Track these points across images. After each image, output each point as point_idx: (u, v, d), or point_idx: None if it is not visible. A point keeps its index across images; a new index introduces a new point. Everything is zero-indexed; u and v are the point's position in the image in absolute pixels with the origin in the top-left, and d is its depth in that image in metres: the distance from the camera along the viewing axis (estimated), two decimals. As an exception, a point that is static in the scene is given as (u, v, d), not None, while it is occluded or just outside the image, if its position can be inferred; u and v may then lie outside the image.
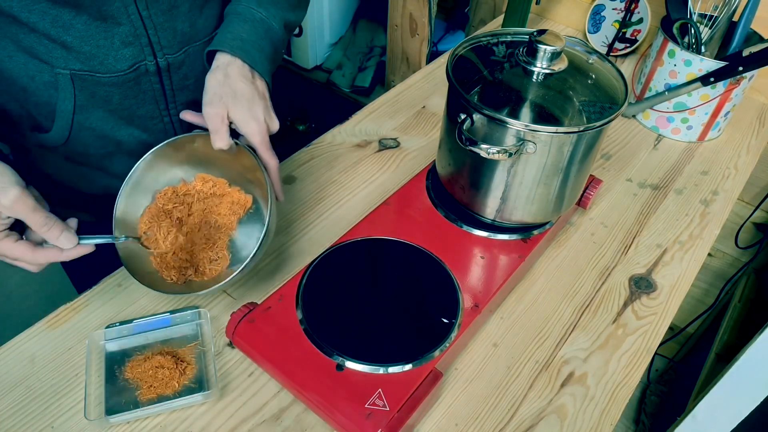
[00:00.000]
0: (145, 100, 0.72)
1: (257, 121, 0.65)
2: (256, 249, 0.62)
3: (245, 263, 0.61)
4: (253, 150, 0.66)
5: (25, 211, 0.54)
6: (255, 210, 0.72)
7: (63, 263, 0.92)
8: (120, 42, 0.66)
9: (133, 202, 0.68)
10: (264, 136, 0.66)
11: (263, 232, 0.62)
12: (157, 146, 0.67)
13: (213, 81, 0.65)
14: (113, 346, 0.64)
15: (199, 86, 0.67)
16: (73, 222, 0.60)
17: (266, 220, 0.62)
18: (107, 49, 0.65)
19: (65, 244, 0.57)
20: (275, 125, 0.68)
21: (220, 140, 0.64)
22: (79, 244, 0.59)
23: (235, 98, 0.64)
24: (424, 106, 1.03)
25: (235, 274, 0.61)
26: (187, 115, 0.69)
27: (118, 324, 0.65)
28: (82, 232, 0.60)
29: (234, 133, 0.66)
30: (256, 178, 0.69)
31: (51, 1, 0.60)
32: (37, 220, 0.55)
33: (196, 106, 0.68)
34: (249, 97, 0.65)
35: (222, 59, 0.67)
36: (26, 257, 0.57)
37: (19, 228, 0.58)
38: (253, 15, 0.70)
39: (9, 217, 0.55)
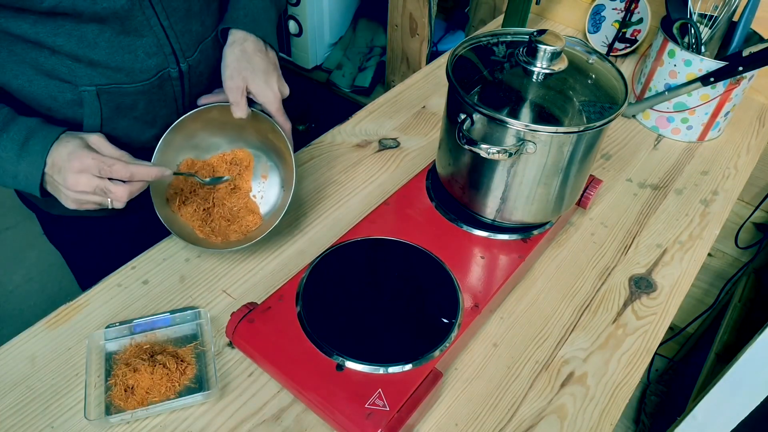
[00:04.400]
0: (167, 102, 0.75)
1: (273, 91, 0.71)
2: (288, 197, 0.71)
3: (281, 214, 0.71)
4: (268, 115, 0.72)
5: (109, 148, 0.64)
6: (271, 166, 0.79)
7: (68, 261, 0.93)
8: (144, 53, 0.68)
9: (164, 160, 0.73)
10: (279, 104, 0.72)
11: (293, 182, 0.71)
12: (180, 118, 0.72)
13: (231, 56, 0.71)
14: (113, 346, 0.64)
15: (211, 82, 0.73)
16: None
17: (293, 170, 0.71)
18: (132, 62, 0.67)
19: (147, 164, 0.66)
20: (287, 90, 0.75)
21: (240, 110, 0.70)
22: (154, 166, 0.66)
23: (253, 72, 0.70)
24: (424, 106, 1.03)
25: (266, 232, 0.70)
26: (204, 99, 0.75)
27: (118, 324, 0.65)
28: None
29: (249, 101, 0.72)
30: (267, 139, 0.76)
31: (75, 21, 0.61)
32: (118, 153, 0.65)
33: None
34: (265, 69, 0.71)
35: (237, 35, 0.72)
36: (122, 171, 0.62)
37: None
38: None
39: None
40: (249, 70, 0.70)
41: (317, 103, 1.74)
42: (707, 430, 1.01)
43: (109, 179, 0.62)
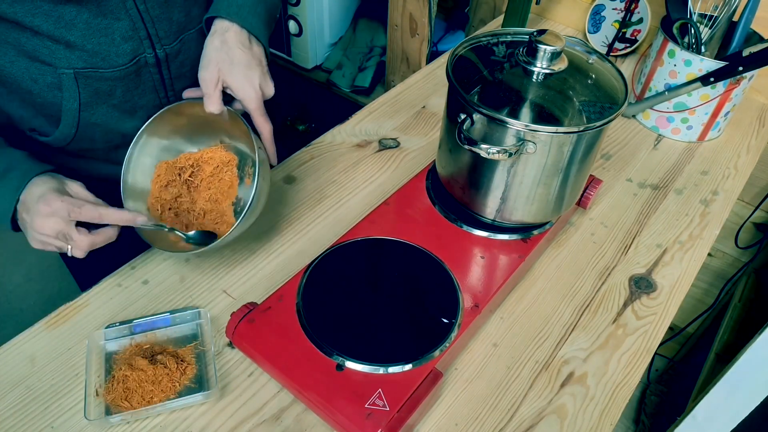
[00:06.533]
0: (146, 90, 0.74)
1: (253, 86, 0.67)
2: (245, 212, 0.64)
3: (234, 226, 0.64)
4: (246, 116, 0.68)
5: (85, 194, 0.63)
6: (255, 172, 0.73)
7: (66, 261, 0.93)
8: (120, 37, 0.67)
9: (138, 167, 0.71)
10: (259, 102, 0.68)
11: (251, 195, 0.64)
12: (159, 112, 0.69)
13: (210, 47, 0.68)
14: (113, 346, 0.64)
15: (196, 72, 0.69)
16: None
17: (254, 182, 0.64)
18: (108, 45, 0.67)
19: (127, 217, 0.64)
20: (270, 90, 0.70)
21: (212, 104, 0.67)
22: (126, 211, 0.64)
23: (231, 64, 0.66)
24: (424, 106, 1.03)
25: (225, 235, 0.64)
26: (189, 93, 0.72)
27: (118, 324, 0.65)
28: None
29: (227, 98, 0.68)
30: (252, 144, 0.71)
31: (53, 2, 0.61)
32: (92, 200, 0.63)
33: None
34: (246, 63, 0.67)
35: (220, 25, 0.68)
36: (90, 213, 0.61)
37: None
38: None
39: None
40: (227, 62, 0.66)
41: (317, 103, 1.74)
42: (707, 430, 1.01)
43: (76, 225, 0.61)
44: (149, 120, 0.69)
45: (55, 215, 0.60)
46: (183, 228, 0.72)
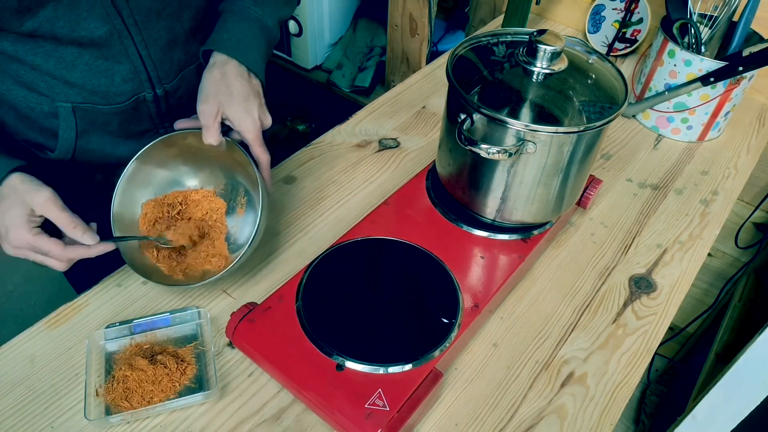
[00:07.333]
0: (142, 120, 0.75)
1: (252, 118, 0.67)
2: (246, 247, 0.64)
3: (236, 260, 0.64)
4: (244, 146, 0.68)
5: (55, 211, 0.59)
6: (248, 201, 0.74)
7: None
8: (120, 79, 0.68)
9: (128, 198, 0.70)
10: (258, 133, 0.68)
11: (254, 228, 0.64)
12: (150, 143, 0.68)
13: (209, 79, 0.67)
14: (113, 346, 0.64)
15: (194, 104, 0.68)
16: (93, 225, 0.63)
17: (258, 215, 0.64)
18: (108, 86, 0.68)
19: (89, 240, 0.61)
20: (268, 121, 0.70)
21: (211, 136, 0.66)
22: (100, 242, 0.62)
23: (230, 96, 0.66)
24: (424, 106, 1.03)
25: (224, 271, 0.64)
26: (181, 124, 0.71)
27: (118, 324, 0.65)
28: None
29: (223, 129, 0.68)
30: (246, 173, 0.71)
31: (55, 44, 0.62)
32: (65, 219, 0.59)
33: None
34: (245, 95, 0.67)
35: (219, 58, 0.68)
36: (56, 251, 0.60)
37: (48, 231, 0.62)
38: (249, 14, 0.71)
39: (41, 216, 0.60)
40: (226, 95, 0.66)
41: (317, 103, 1.74)
42: (707, 430, 1.01)
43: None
44: (139, 152, 0.68)
45: (24, 248, 0.60)
46: (175, 266, 0.71)
